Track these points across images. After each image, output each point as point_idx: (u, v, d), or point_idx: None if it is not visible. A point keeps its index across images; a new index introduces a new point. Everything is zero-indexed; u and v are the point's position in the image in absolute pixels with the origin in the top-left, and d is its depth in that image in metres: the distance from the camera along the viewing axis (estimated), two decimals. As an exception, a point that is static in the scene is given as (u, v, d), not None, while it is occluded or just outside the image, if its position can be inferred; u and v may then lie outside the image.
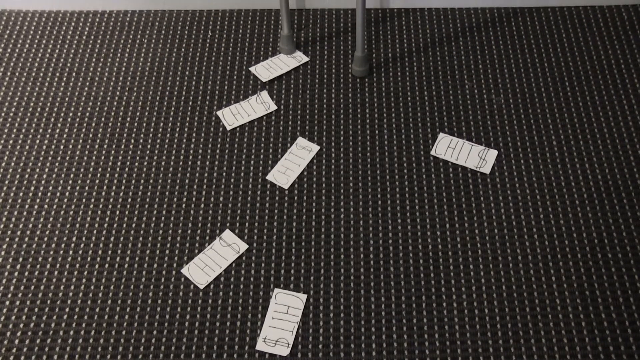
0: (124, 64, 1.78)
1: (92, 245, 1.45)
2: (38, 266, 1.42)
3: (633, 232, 1.44)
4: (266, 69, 1.75)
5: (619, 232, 1.45)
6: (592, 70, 1.74)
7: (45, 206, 1.51)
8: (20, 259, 1.43)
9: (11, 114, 1.68)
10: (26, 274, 1.41)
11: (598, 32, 1.83)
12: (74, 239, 1.46)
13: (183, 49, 1.81)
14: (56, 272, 1.41)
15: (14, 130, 1.64)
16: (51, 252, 1.44)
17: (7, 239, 1.46)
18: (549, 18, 1.86)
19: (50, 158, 1.59)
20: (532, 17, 1.87)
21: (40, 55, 1.80)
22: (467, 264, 1.41)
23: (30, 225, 1.48)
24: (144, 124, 1.65)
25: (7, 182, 1.55)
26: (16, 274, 1.41)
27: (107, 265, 1.42)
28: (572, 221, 1.46)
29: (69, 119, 1.66)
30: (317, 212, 1.49)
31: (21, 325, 1.34)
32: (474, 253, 1.42)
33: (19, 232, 1.47)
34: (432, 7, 1.90)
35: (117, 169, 1.57)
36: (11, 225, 1.48)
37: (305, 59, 1.78)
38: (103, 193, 1.53)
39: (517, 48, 1.79)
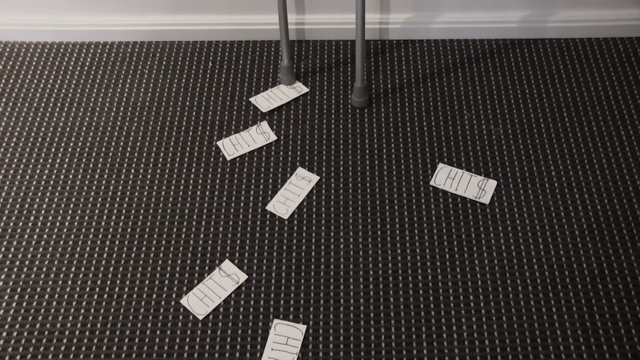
0: (125, 95, 1.79)
1: (91, 275, 1.44)
2: (36, 296, 1.41)
3: (633, 262, 1.44)
4: (266, 100, 1.76)
5: (619, 263, 1.44)
6: (590, 101, 1.75)
7: (45, 236, 1.51)
8: (19, 289, 1.43)
9: (12, 144, 1.68)
10: (24, 304, 1.40)
11: (595, 64, 1.84)
12: (72, 269, 1.45)
13: (184, 80, 1.82)
14: (54, 303, 1.40)
15: (15, 160, 1.65)
16: (50, 283, 1.43)
17: (6, 269, 1.45)
18: (547, 50, 1.88)
19: (50, 188, 1.59)
20: (529, 49, 1.88)
21: (42, 86, 1.82)
22: (467, 295, 1.40)
23: (30, 255, 1.48)
24: (144, 154, 1.66)
25: (6, 212, 1.55)
26: (14, 304, 1.40)
27: (105, 296, 1.41)
28: (572, 252, 1.46)
29: (70, 149, 1.67)
30: (317, 243, 1.49)
31: (18, 357, 1.33)
32: (474, 284, 1.42)
33: (17, 262, 1.47)
34: (430, 39, 1.92)
35: (117, 199, 1.57)
36: (10, 255, 1.48)
37: (305, 89, 1.79)
38: (102, 223, 1.53)
39: (515, 79, 1.80)
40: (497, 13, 1.89)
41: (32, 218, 1.54)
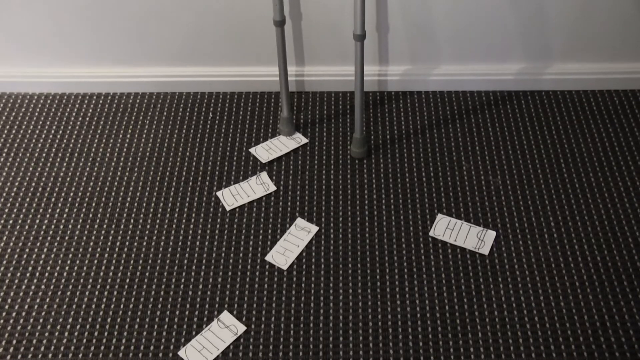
0: (125, 145, 1.80)
1: (88, 326, 1.43)
2: (32, 348, 1.40)
3: (635, 315, 1.43)
4: (266, 150, 1.77)
5: (621, 315, 1.43)
6: (587, 152, 1.76)
7: (42, 286, 1.50)
8: (14, 341, 1.41)
9: (12, 194, 1.69)
10: (19, 357, 1.39)
11: (591, 116, 1.86)
12: (69, 319, 1.44)
13: (184, 130, 1.84)
14: (50, 355, 1.39)
15: (14, 210, 1.65)
16: (46, 334, 1.42)
17: (2, 320, 1.44)
18: (543, 101, 1.90)
19: (49, 238, 1.59)
20: (526, 101, 1.90)
21: (43, 136, 1.83)
22: (468, 347, 1.39)
23: (26, 306, 1.47)
24: (144, 204, 1.66)
25: (4, 262, 1.54)
26: (8, 357, 1.39)
27: (102, 347, 1.40)
28: (572, 303, 1.45)
29: (70, 199, 1.67)
30: (316, 294, 1.48)
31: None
32: (474, 335, 1.41)
33: (14, 313, 1.45)
34: (428, 91, 1.94)
35: (116, 249, 1.57)
36: (6, 306, 1.47)
37: (305, 140, 1.80)
38: (101, 273, 1.52)
39: (512, 130, 1.82)
40: (493, 65, 1.91)
41: (29, 268, 1.53)
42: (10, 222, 1.63)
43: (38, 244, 1.58)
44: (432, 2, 1.75)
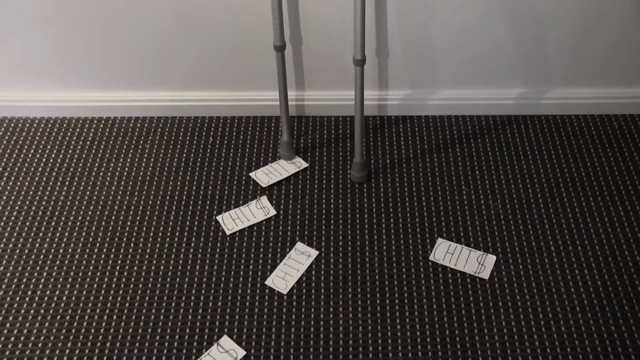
0: (126, 169, 1.81)
1: (87, 351, 1.42)
2: (31, 373, 1.39)
3: (637, 340, 1.43)
4: (266, 175, 1.78)
5: (622, 340, 1.43)
6: (587, 176, 1.77)
7: (42, 310, 1.49)
8: (14, 366, 1.41)
9: (12, 218, 1.69)
10: (19, 381, 1.38)
11: (591, 140, 1.87)
12: (69, 344, 1.44)
13: (184, 155, 1.84)
14: (49, 380, 1.38)
15: (14, 234, 1.65)
16: (45, 359, 1.41)
17: (0, 345, 1.44)
18: (543, 126, 1.91)
19: (49, 262, 1.59)
20: (526, 125, 1.91)
21: (44, 160, 1.84)
22: (469, 372, 1.38)
23: (25, 331, 1.46)
24: (144, 228, 1.66)
25: (4, 286, 1.54)
26: (8, 381, 1.38)
27: (101, 373, 1.39)
28: (573, 328, 1.45)
29: (70, 223, 1.67)
30: (316, 318, 1.47)
31: None
32: (475, 361, 1.40)
33: (12, 338, 1.45)
34: (428, 115, 1.95)
35: (116, 273, 1.56)
36: (5, 331, 1.46)
37: (305, 164, 1.81)
38: (101, 297, 1.52)
39: (512, 155, 1.83)
40: (493, 90, 1.92)
41: (29, 292, 1.53)
42: (10, 245, 1.63)
43: (38, 268, 1.58)
44: (432, 27, 1.76)
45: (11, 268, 1.58)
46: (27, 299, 1.52)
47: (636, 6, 1.72)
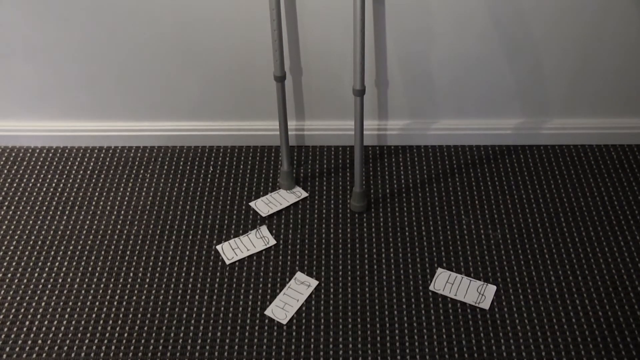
0: (126, 198, 1.81)
1: (85, 382, 1.42)
2: (28, 404, 1.38)
3: (637, 370, 1.42)
4: (266, 204, 1.78)
5: (623, 371, 1.42)
6: (587, 206, 1.77)
7: (39, 341, 1.48)
8: (11, 397, 1.39)
9: (12, 247, 1.68)
10: (15, 412, 1.37)
11: (590, 170, 1.87)
12: (66, 375, 1.43)
13: (184, 184, 1.85)
14: (46, 411, 1.37)
15: (13, 264, 1.65)
16: (43, 390, 1.40)
17: (-1, 376, 1.43)
18: (542, 156, 1.91)
19: (47, 292, 1.58)
20: (524, 155, 1.92)
21: (44, 189, 1.84)
22: (470, 404, 1.37)
23: (23, 361, 1.45)
24: (144, 258, 1.66)
25: (2, 315, 1.53)
26: (5, 412, 1.37)
27: (99, 404, 1.38)
28: (575, 359, 1.44)
29: (69, 252, 1.67)
30: (316, 349, 1.47)
31: None
32: (476, 392, 1.39)
33: (11, 368, 1.44)
34: (428, 145, 1.96)
35: (115, 303, 1.56)
36: (3, 361, 1.45)
37: (305, 194, 1.81)
38: (99, 327, 1.51)
39: (512, 184, 1.83)
40: (492, 120, 1.93)
41: (27, 323, 1.52)
42: (9, 275, 1.62)
43: (36, 298, 1.57)
44: (431, 57, 1.78)
45: (9, 298, 1.57)
46: (24, 329, 1.51)
47: (634, 37, 1.73)
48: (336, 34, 1.72)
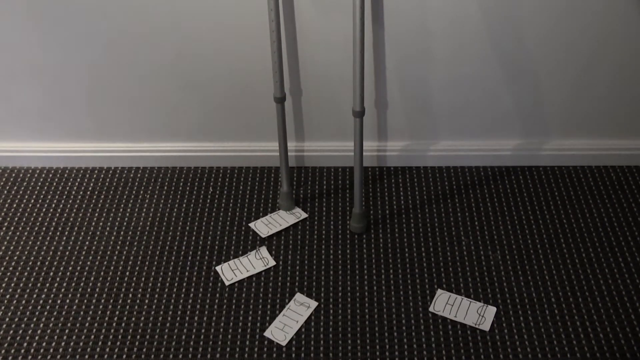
0: (126, 219, 1.81)
1: (83, 404, 1.41)
2: None
3: (639, 393, 1.41)
4: (265, 225, 1.78)
5: (625, 393, 1.41)
6: (586, 227, 1.77)
7: (38, 363, 1.48)
8: (8, 419, 1.38)
9: (10, 268, 1.68)
10: None
11: (589, 191, 1.87)
12: (64, 397, 1.42)
13: (184, 205, 1.85)
14: None
15: (12, 285, 1.64)
16: (40, 412, 1.39)
17: (-4, 398, 1.42)
18: (541, 177, 1.92)
19: (45, 313, 1.58)
20: (524, 176, 1.92)
21: (43, 210, 1.84)
22: None
23: (21, 383, 1.44)
24: (143, 279, 1.65)
25: (0, 337, 1.52)
26: None
27: None
28: (575, 381, 1.43)
29: (68, 273, 1.67)
30: (315, 371, 1.46)
31: None
32: (476, 415, 1.38)
33: (8, 390, 1.43)
34: (427, 166, 1.96)
35: (114, 324, 1.55)
36: (1, 383, 1.44)
37: (304, 215, 1.81)
38: (98, 349, 1.50)
39: (511, 205, 1.83)
40: (491, 141, 1.94)
41: (24, 344, 1.51)
42: (7, 296, 1.61)
43: (34, 319, 1.56)
44: (431, 78, 1.79)
45: (7, 319, 1.56)
46: (22, 350, 1.50)
47: (632, 59, 1.74)
48: (336, 55, 1.73)
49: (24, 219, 1.81)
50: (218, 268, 1.67)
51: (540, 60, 1.75)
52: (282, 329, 1.53)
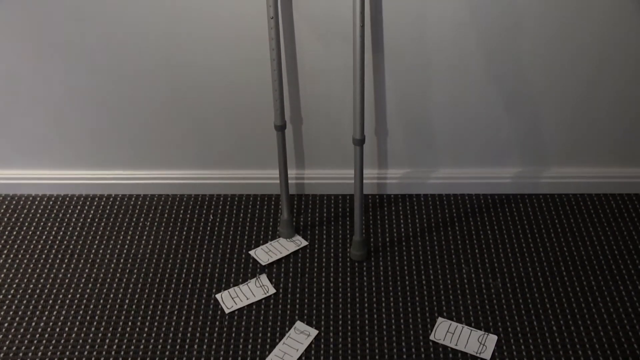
0: (125, 247, 1.81)
1: None
2: None
3: (642, 422, 1.40)
4: (266, 253, 1.78)
5: (628, 423, 1.40)
6: (587, 255, 1.76)
7: (36, 392, 1.47)
8: None
9: (9, 296, 1.67)
10: None
11: (589, 219, 1.87)
12: None
13: (184, 232, 1.85)
14: None
15: (10, 313, 1.63)
16: None
17: None
18: (541, 205, 1.92)
19: (44, 342, 1.57)
20: (524, 204, 1.92)
21: (43, 237, 1.84)
22: None
23: (19, 412, 1.43)
24: (142, 307, 1.64)
25: (-2, 365, 1.52)
26: None
27: None
28: (578, 411, 1.42)
29: (67, 301, 1.66)
30: (316, 400, 1.45)
31: None
32: None
33: (6, 420, 1.42)
34: (427, 194, 1.96)
35: (113, 352, 1.54)
36: (-1, 412, 1.43)
37: (305, 243, 1.81)
38: (96, 378, 1.49)
39: (511, 233, 1.83)
40: (491, 169, 1.94)
41: (24, 372, 1.50)
42: (6, 324, 1.61)
43: (32, 348, 1.55)
44: (431, 107, 1.80)
45: (5, 348, 1.55)
46: (21, 379, 1.49)
47: (631, 87, 1.76)
48: (336, 83, 1.74)
49: (24, 247, 1.81)
50: (218, 296, 1.67)
51: (539, 89, 1.76)
52: (282, 358, 1.52)
